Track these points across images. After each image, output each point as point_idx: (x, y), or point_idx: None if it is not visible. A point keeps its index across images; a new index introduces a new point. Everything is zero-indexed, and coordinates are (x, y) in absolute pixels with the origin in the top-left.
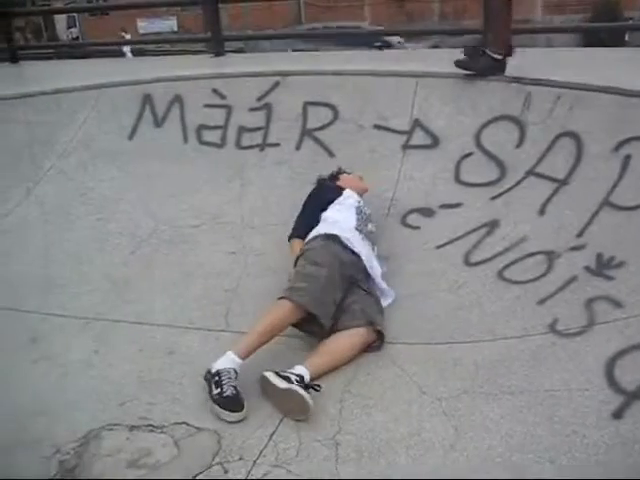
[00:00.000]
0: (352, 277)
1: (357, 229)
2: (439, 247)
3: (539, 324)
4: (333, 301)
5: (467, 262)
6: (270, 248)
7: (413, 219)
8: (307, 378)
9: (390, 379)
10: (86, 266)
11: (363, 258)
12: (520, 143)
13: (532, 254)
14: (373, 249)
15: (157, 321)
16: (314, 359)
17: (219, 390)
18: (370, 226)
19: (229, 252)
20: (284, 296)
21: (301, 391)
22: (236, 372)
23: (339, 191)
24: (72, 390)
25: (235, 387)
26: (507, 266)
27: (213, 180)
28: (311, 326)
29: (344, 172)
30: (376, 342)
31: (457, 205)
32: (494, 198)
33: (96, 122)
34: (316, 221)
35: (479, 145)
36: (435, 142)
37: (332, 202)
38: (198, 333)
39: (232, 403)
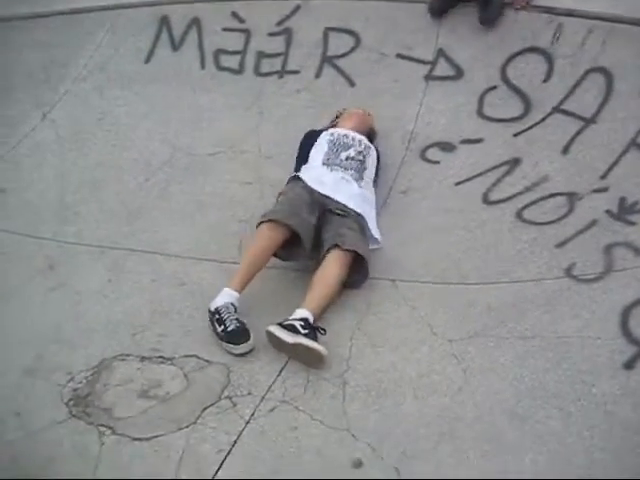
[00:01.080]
0: (325, 205)
1: (325, 163)
2: (458, 184)
3: (555, 268)
4: (308, 219)
5: (486, 200)
6: (286, 179)
7: (433, 153)
8: (311, 319)
9: (401, 318)
10: (101, 193)
11: (331, 196)
12: (548, 77)
13: (553, 195)
14: (358, 177)
15: (170, 251)
16: (311, 295)
17: (222, 327)
18: (347, 152)
19: (245, 182)
20: (259, 221)
21: (311, 344)
22: (234, 305)
23: (320, 133)
24: (86, 319)
25: (237, 319)
26: (526, 206)
27: (231, 107)
28: (294, 253)
29: (344, 112)
30: (358, 274)
31: (478, 141)
32: (517, 135)
33: (112, 44)
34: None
35: (504, 78)
36: (459, 74)
37: (308, 148)
38: (210, 264)
39: (237, 336)
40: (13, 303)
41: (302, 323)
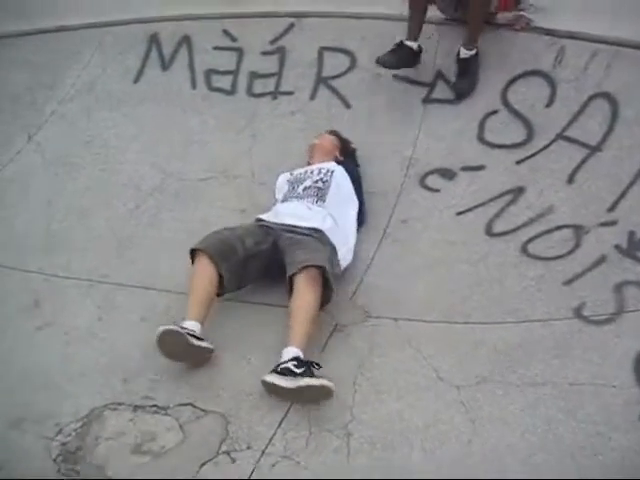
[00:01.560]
0: (278, 234)
1: (283, 201)
2: (460, 214)
3: (564, 307)
4: (229, 240)
5: (489, 232)
6: None
7: (433, 181)
8: (302, 355)
9: (405, 362)
10: (90, 220)
11: (279, 222)
12: (550, 102)
13: (559, 227)
14: (318, 199)
15: (161, 286)
16: (293, 329)
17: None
18: (304, 184)
19: (238, 209)
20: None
21: (313, 382)
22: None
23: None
24: (75, 362)
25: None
26: (531, 239)
27: (223, 130)
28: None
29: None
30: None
31: (480, 168)
32: (520, 162)
33: (100, 63)
34: None
35: (505, 102)
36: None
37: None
38: None
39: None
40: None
41: (295, 363)
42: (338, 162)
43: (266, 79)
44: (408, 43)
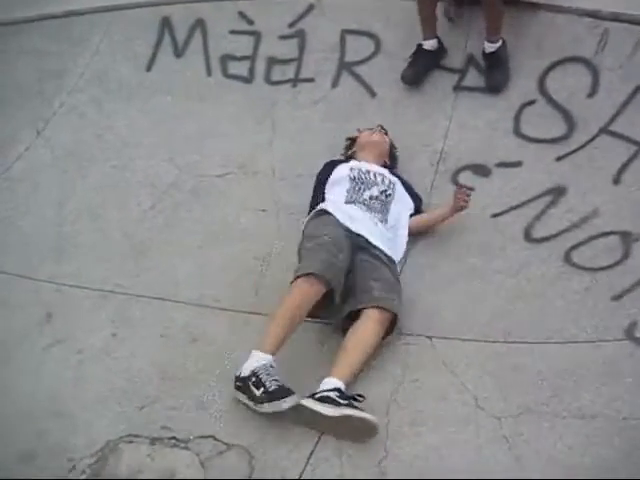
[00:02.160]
0: (356, 244)
1: (348, 202)
2: (495, 215)
3: (614, 327)
4: (341, 266)
5: (528, 237)
6: (304, 206)
7: (466, 178)
8: (344, 388)
9: (442, 387)
10: (102, 223)
11: (364, 235)
12: (593, 92)
13: (604, 234)
14: (382, 219)
15: (180, 297)
16: (344, 361)
17: (262, 389)
18: (371, 191)
19: (259, 209)
20: (295, 277)
21: (360, 414)
22: (273, 366)
23: (338, 165)
24: (88, 385)
25: (278, 380)
26: (575, 247)
27: (240, 121)
28: (323, 309)
29: (359, 136)
30: (390, 332)
31: (517, 164)
32: (560, 159)
33: (110, 51)
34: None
35: (543, 91)
36: None
37: (326, 181)
38: (225, 315)
39: (281, 392)
40: (10, 366)
41: (337, 394)
42: (386, 167)
43: (285, 65)
44: (425, 46)
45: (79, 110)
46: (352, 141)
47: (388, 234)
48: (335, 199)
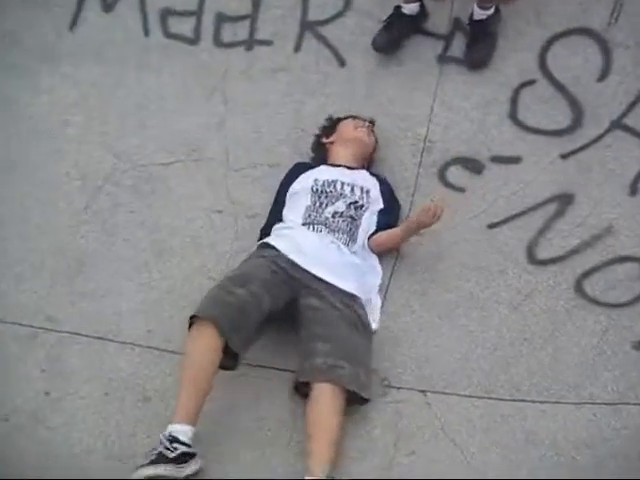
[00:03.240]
0: (301, 284)
1: (305, 223)
2: (492, 226)
3: (638, 384)
4: (236, 298)
5: (532, 258)
6: (266, 206)
7: (455, 175)
8: None
9: (441, 461)
10: (29, 230)
11: (311, 271)
12: (603, 75)
13: (622, 260)
14: (349, 239)
15: (124, 336)
16: (314, 453)
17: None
18: (335, 206)
19: (213, 210)
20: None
21: None
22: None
23: (303, 172)
24: (20, 467)
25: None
26: (587, 274)
27: (186, 94)
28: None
29: (340, 120)
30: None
31: (515, 160)
32: (565, 156)
33: (22, 5)
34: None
35: (544, 69)
36: None
37: (287, 192)
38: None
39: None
40: None
41: None
42: (364, 169)
43: (237, 23)
44: (405, 9)
45: None
46: (333, 124)
47: (355, 259)
48: (292, 219)
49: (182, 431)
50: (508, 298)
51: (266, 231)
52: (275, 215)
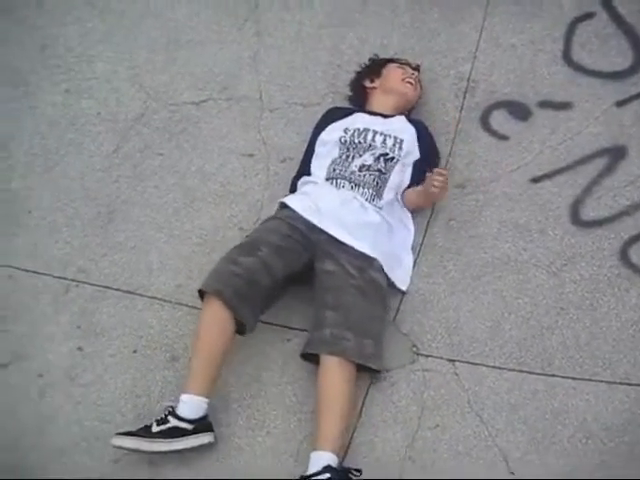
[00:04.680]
0: (316, 245)
1: (329, 178)
2: (535, 180)
3: None
4: (243, 269)
5: (576, 218)
6: (298, 150)
7: (499, 120)
8: (335, 462)
9: (466, 437)
10: (58, 175)
11: (330, 231)
12: None
13: None
14: (375, 195)
15: (153, 290)
16: (323, 428)
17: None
18: (362, 159)
19: (245, 154)
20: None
21: None
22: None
23: (336, 120)
24: (52, 427)
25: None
26: (634, 239)
27: (217, 26)
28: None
29: (386, 62)
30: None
31: (565, 105)
32: (622, 104)
33: None
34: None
35: (606, 2)
36: None
37: (316, 139)
38: None
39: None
40: None
41: (329, 475)
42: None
43: None
44: None
45: (12, 11)
46: (379, 67)
47: (377, 217)
48: (317, 173)
49: (189, 403)
50: (547, 262)
51: (296, 182)
52: (304, 166)
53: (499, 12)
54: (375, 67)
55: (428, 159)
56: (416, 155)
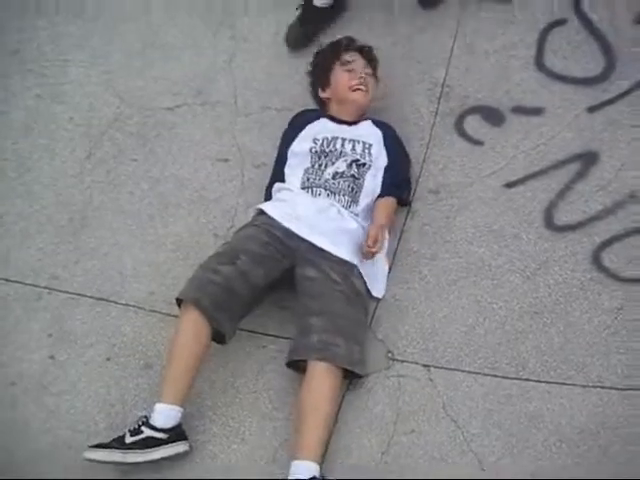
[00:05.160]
0: (296, 253)
1: (304, 187)
2: (510, 186)
3: None
4: (223, 278)
5: (549, 223)
6: (272, 155)
7: (474, 126)
8: (317, 472)
9: (442, 443)
10: (31, 180)
11: (309, 238)
12: None
13: None
14: (351, 201)
15: (127, 297)
16: (306, 436)
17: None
18: (335, 167)
19: (220, 159)
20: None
21: None
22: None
23: (304, 127)
24: (26, 437)
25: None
26: (606, 244)
27: (192, 28)
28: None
29: (330, 63)
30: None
31: (537, 111)
32: (593, 109)
33: None
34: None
35: (578, 8)
36: None
37: (289, 148)
38: None
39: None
40: None
41: None
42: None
43: None
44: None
45: None
46: (326, 74)
47: (355, 223)
48: (292, 182)
49: (164, 412)
50: (521, 266)
51: (270, 190)
52: (278, 174)
53: (473, 18)
54: (323, 75)
55: (396, 163)
56: (384, 159)
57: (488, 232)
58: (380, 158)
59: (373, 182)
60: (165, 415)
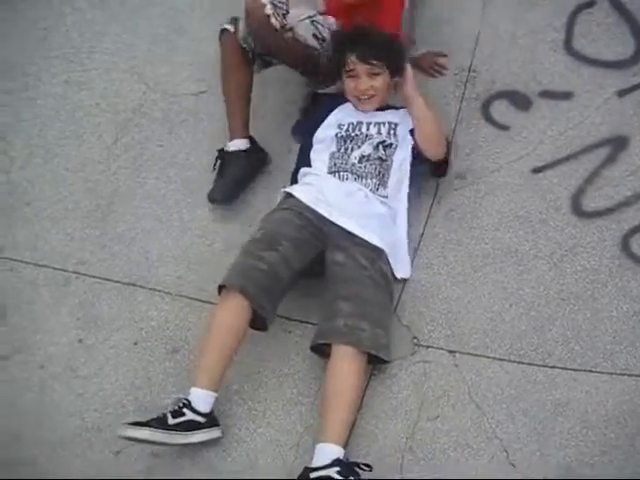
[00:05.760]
0: (326, 236)
1: (330, 172)
2: (537, 171)
3: None
4: (267, 265)
5: (577, 209)
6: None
7: (500, 111)
8: (342, 455)
9: (466, 429)
10: (59, 166)
11: (339, 222)
12: None
13: None
14: (379, 184)
15: (154, 282)
16: (330, 420)
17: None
18: (361, 150)
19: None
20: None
21: None
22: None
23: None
24: (53, 420)
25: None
26: (636, 230)
27: (214, 14)
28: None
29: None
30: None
31: (566, 95)
32: (623, 93)
33: None
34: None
35: None
36: None
37: (314, 133)
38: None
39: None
40: None
41: (338, 469)
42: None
43: None
44: (231, 146)
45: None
46: (338, 75)
47: (382, 207)
48: (318, 167)
49: (202, 397)
50: (548, 253)
51: (296, 175)
52: (303, 159)
53: (499, 1)
54: (336, 71)
55: None
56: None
57: (514, 218)
58: (407, 137)
59: (400, 161)
60: (204, 400)
